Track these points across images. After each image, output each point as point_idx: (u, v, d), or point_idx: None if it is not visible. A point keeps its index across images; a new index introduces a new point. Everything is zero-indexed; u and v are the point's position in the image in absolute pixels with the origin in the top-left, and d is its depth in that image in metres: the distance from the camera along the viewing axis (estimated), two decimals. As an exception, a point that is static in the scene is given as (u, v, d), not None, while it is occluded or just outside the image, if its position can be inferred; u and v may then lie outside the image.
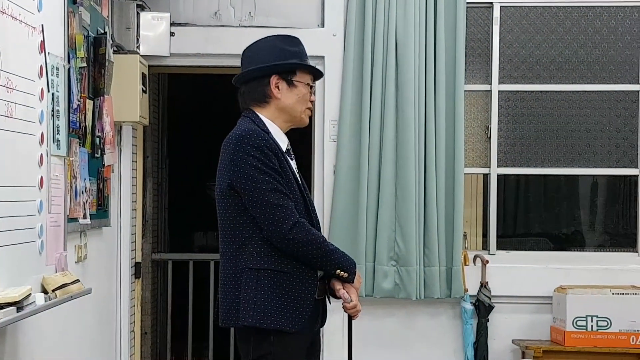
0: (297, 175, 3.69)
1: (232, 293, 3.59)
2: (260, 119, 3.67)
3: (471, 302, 6.04)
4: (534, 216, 6.48)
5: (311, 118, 3.89)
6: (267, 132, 3.63)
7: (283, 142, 3.70)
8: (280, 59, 3.66)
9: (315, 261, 3.58)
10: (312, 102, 3.77)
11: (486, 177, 6.28)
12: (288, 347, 3.55)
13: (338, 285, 3.68)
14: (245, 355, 3.65)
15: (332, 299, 3.76)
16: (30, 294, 3.51)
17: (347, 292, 3.68)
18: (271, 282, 3.54)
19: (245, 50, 3.77)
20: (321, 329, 3.83)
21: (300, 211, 3.59)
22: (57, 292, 3.84)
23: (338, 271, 3.63)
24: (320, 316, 3.74)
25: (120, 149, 5.79)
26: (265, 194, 3.51)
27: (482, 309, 6.02)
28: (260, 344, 3.56)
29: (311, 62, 3.79)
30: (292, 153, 3.75)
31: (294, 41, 3.75)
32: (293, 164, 3.72)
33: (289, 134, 3.77)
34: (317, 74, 3.79)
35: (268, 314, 3.52)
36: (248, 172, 3.52)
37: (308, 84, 3.72)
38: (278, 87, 3.68)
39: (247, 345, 3.61)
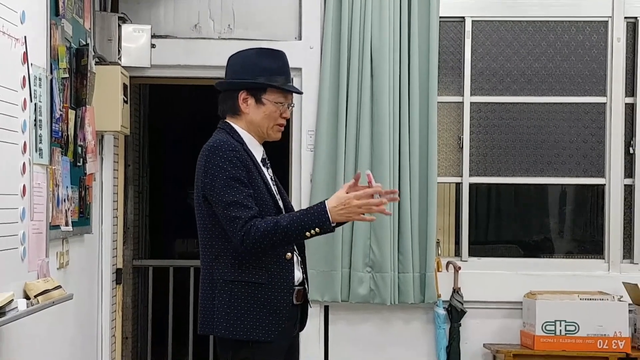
0: (271, 184, 3.67)
1: (209, 302, 3.58)
2: (235, 129, 3.66)
3: (444, 307, 6.03)
4: (504, 224, 6.48)
5: (288, 128, 3.87)
6: (242, 143, 3.61)
7: (258, 152, 3.68)
8: (251, 76, 3.63)
9: (284, 244, 3.49)
10: (286, 118, 3.71)
11: (458, 186, 6.27)
12: (266, 353, 3.53)
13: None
14: None
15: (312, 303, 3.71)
16: (12, 300, 3.47)
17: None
18: (245, 294, 3.52)
19: (230, 56, 3.75)
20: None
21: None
22: (39, 297, 3.81)
23: (309, 234, 3.48)
24: (299, 321, 3.72)
25: (102, 157, 5.75)
26: (226, 207, 3.49)
27: (455, 314, 6.01)
28: (239, 350, 3.55)
29: (291, 74, 3.74)
30: (267, 162, 3.73)
31: (274, 56, 3.71)
32: (269, 172, 3.70)
33: (268, 142, 3.75)
34: (293, 92, 3.75)
35: (241, 325, 3.51)
36: (216, 183, 3.51)
37: (278, 102, 3.67)
38: (246, 103, 3.66)
39: (226, 352, 3.60)
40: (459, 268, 6.08)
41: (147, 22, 5.95)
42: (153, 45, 5.89)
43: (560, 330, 5.74)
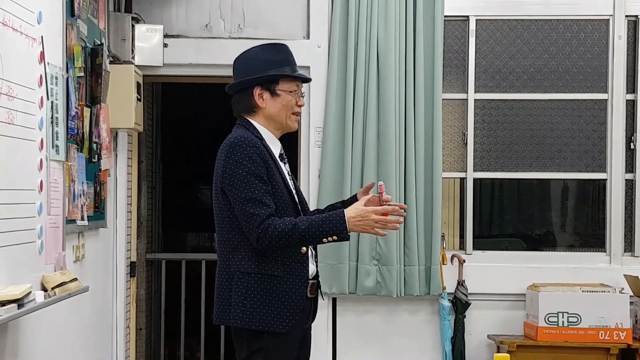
0: (289, 179, 3.69)
1: (225, 293, 3.59)
2: (254, 126, 3.67)
3: (449, 299, 6.05)
4: (508, 218, 6.50)
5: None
6: (261, 139, 3.63)
7: (276, 148, 3.69)
8: (261, 71, 3.65)
9: (299, 246, 3.54)
10: (301, 106, 3.74)
11: (463, 180, 6.30)
12: (281, 343, 3.55)
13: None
14: (239, 351, 3.63)
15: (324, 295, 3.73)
16: (30, 292, 3.51)
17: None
18: (261, 286, 3.54)
19: (235, 60, 3.77)
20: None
21: (288, 214, 3.59)
22: (56, 290, 3.84)
23: (325, 241, 3.52)
24: (311, 313, 3.74)
25: (116, 154, 5.78)
26: (243, 204, 3.50)
27: (459, 305, 6.04)
28: (255, 340, 3.56)
29: (296, 64, 3.76)
30: (285, 157, 3.75)
31: (278, 49, 3.72)
32: (286, 167, 3.72)
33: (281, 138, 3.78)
34: (302, 80, 3.75)
35: (257, 316, 3.53)
36: (235, 179, 3.52)
37: (292, 91, 3.70)
38: (262, 98, 3.67)
39: (242, 342, 3.60)
40: (464, 261, 6.11)
41: (159, 22, 5.99)
42: (165, 45, 5.93)
43: (563, 321, 5.75)
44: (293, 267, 3.58)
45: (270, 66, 3.65)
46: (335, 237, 3.50)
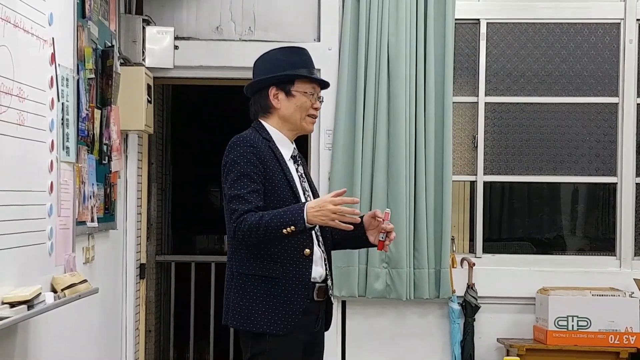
0: (299, 181, 3.66)
1: (227, 294, 3.63)
2: (264, 127, 3.66)
3: (458, 303, 6.04)
4: (518, 221, 6.47)
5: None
6: (269, 140, 3.62)
7: (288, 149, 3.68)
8: (278, 71, 3.65)
9: (268, 239, 3.46)
10: (317, 109, 3.72)
11: (473, 184, 6.28)
12: (283, 346, 3.54)
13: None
14: (244, 352, 3.65)
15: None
16: (40, 293, 3.50)
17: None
18: (257, 288, 3.54)
19: (255, 62, 3.77)
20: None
21: None
22: (66, 291, 3.83)
23: (285, 231, 3.42)
24: (322, 318, 3.71)
25: (127, 156, 5.78)
26: (229, 201, 3.52)
27: (469, 309, 6.02)
28: (257, 342, 3.56)
29: (315, 67, 3.76)
30: (299, 159, 3.73)
31: (296, 52, 3.74)
32: (300, 169, 3.70)
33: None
34: (319, 83, 3.74)
35: (252, 318, 3.53)
36: (229, 177, 3.54)
37: (308, 93, 3.68)
38: (277, 98, 3.67)
39: (246, 343, 3.62)
40: (473, 264, 6.09)
41: (170, 25, 5.99)
42: (176, 47, 5.93)
43: (573, 325, 5.73)
44: (294, 269, 3.55)
45: (286, 67, 3.65)
46: (293, 228, 3.41)
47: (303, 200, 3.62)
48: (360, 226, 3.68)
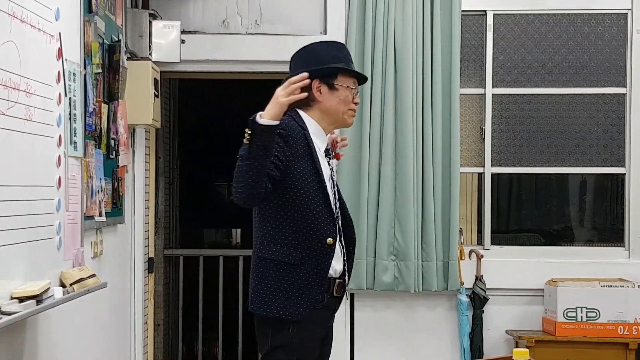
0: (327, 175, 3.61)
1: (250, 278, 3.62)
2: (301, 116, 3.62)
3: (467, 295, 6.03)
4: (526, 213, 6.46)
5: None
6: (304, 129, 3.59)
7: (322, 143, 3.65)
8: (322, 64, 3.62)
9: (247, 167, 3.33)
10: (357, 103, 3.71)
11: (481, 176, 6.27)
12: (305, 339, 3.53)
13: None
14: (261, 344, 3.59)
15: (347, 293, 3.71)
16: (49, 288, 3.51)
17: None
18: (276, 273, 3.51)
19: (293, 55, 3.73)
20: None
21: (318, 208, 3.53)
22: (75, 286, 3.84)
23: (245, 141, 3.32)
24: (334, 312, 3.71)
25: (134, 150, 5.79)
26: None
27: (477, 301, 6.02)
28: (279, 334, 3.53)
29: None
30: (331, 153, 3.71)
31: (337, 46, 3.72)
32: (332, 162, 3.68)
33: None
34: (359, 78, 3.73)
35: (269, 303, 3.51)
36: None
37: (350, 87, 3.66)
38: (320, 91, 3.63)
39: (266, 335, 3.57)
40: (482, 256, 6.08)
41: (176, 19, 5.98)
42: (183, 41, 5.92)
43: (582, 316, 5.73)
44: (313, 257, 3.52)
45: (330, 60, 3.63)
46: (248, 131, 3.32)
47: (329, 189, 3.58)
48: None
